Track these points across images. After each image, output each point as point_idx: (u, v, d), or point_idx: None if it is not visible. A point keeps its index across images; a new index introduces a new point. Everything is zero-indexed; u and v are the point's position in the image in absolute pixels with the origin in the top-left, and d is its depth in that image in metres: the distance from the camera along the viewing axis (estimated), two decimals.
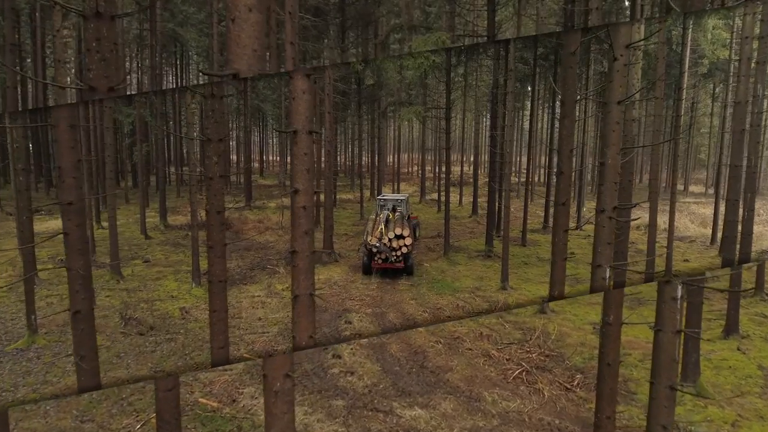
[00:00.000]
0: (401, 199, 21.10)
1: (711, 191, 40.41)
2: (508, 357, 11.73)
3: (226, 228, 6.75)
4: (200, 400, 9.62)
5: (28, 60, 36.04)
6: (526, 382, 10.64)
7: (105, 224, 22.10)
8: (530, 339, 12.58)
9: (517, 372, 10.93)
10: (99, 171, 26.06)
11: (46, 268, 14.64)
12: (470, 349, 12.10)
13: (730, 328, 13.21)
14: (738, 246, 11.66)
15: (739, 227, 12.14)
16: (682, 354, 10.93)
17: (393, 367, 11.24)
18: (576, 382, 10.67)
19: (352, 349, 11.89)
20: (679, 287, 4.29)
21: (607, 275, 5.83)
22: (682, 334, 10.84)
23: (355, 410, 9.48)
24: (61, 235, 5.53)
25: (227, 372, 10.77)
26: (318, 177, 19.71)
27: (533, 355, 11.84)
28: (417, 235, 22.42)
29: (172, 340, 11.26)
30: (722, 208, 21.22)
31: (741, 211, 11.86)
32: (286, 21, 18.22)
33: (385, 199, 21.03)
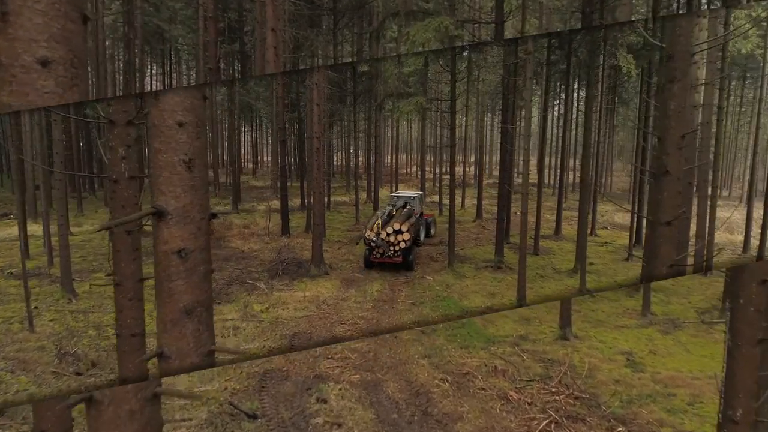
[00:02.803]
0: (414, 197, 21.06)
1: (726, 193, 38.40)
2: (530, 400, 9.60)
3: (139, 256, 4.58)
4: None
5: None
6: None
7: (74, 230, 20.08)
8: (555, 375, 10.44)
9: (544, 423, 8.79)
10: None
11: None
12: (483, 389, 9.96)
13: None
14: None
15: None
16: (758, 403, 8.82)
17: (390, 415, 9.10)
18: None
19: (340, 389, 9.76)
20: None
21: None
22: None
23: None
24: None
25: (184, 422, 8.66)
26: (318, 177, 17.30)
27: (560, 397, 9.70)
28: (432, 233, 22.19)
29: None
30: (756, 214, 19.16)
31: None
32: (267, 5, 16.11)
33: (398, 196, 21.19)
